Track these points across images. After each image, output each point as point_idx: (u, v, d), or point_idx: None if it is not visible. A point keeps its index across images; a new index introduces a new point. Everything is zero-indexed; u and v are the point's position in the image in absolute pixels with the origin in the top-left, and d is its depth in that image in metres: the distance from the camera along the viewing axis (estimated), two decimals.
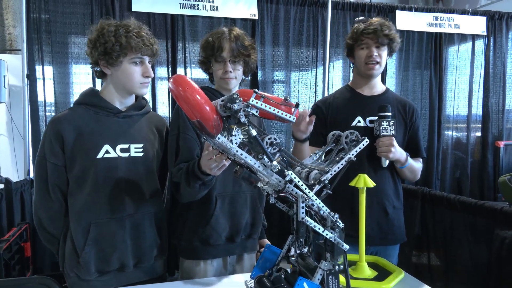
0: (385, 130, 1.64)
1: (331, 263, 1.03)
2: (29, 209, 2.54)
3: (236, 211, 1.60)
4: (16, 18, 4.57)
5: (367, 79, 1.82)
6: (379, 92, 1.84)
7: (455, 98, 3.59)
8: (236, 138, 0.96)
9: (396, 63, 3.44)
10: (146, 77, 1.49)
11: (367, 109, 1.76)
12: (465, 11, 3.52)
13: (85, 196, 1.44)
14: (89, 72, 2.72)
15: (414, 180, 1.91)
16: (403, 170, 1.77)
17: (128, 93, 1.53)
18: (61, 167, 1.45)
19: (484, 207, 1.92)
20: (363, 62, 1.76)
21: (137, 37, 1.42)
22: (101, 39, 1.41)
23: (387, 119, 1.64)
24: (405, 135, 1.82)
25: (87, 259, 1.42)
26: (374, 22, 1.73)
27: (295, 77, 3.21)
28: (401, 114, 1.81)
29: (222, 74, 1.57)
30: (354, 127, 1.74)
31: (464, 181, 3.60)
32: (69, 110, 1.51)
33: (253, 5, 2.98)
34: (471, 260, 2.01)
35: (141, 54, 1.45)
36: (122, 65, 1.45)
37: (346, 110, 1.81)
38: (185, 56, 2.89)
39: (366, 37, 1.73)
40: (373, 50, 1.73)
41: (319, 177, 1.04)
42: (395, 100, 1.84)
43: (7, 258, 1.91)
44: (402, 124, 1.81)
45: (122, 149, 1.48)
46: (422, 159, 1.86)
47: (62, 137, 1.42)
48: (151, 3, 2.77)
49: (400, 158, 1.70)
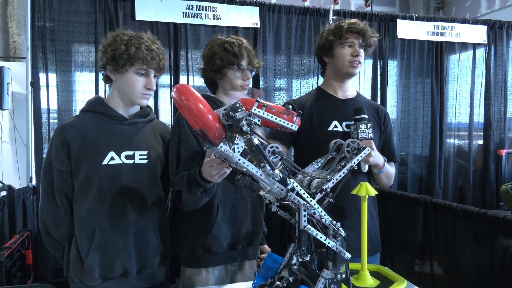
0: (363, 133, 1.57)
1: (333, 272, 1.03)
2: (31, 216, 2.54)
3: (238, 218, 1.60)
4: (21, 26, 4.62)
5: (344, 79, 1.75)
6: (352, 96, 1.78)
7: (456, 106, 3.60)
8: (239, 147, 0.96)
9: (397, 71, 3.46)
10: (147, 89, 1.51)
11: (343, 113, 1.70)
12: (466, 20, 3.54)
13: (90, 202, 1.45)
14: (92, 80, 2.75)
15: (388, 185, 1.83)
16: (380, 175, 1.70)
17: (130, 102, 1.55)
18: (67, 173, 1.47)
19: (486, 215, 1.91)
20: (347, 61, 1.69)
21: (147, 50, 1.46)
22: (113, 45, 1.46)
23: (364, 121, 1.58)
24: (380, 139, 1.77)
25: (91, 265, 1.43)
26: (356, 22, 1.68)
27: (297, 85, 3.23)
28: (375, 118, 1.76)
29: (242, 82, 1.58)
30: (331, 132, 1.68)
31: (466, 189, 3.59)
32: (75, 117, 1.53)
33: (255, 14, 3.01)
34: (473, 269, 2.00)
35: (147, 67, 1.48)
36: (127, 73, 1.48)
37: (321, 113, 1.74)
38: (188, 64, 2.91)
39: (351, 35, 1.67)
40: (358, 49, 1.67)
41: (321, 186, 1.04)
42: (367, 104, 1.78)
43: (8, 265, 1.91)
44: (376, 128, 1.75)
45: (127, 156, 1.50)
46: (395, 163, 1.82)
47: (68, 144, 1.45)
48: (154, 12, 2.81)
49: (378, 163, 1.64)
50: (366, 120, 1.59)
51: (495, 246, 1.85)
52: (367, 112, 1.65)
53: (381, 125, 1.78)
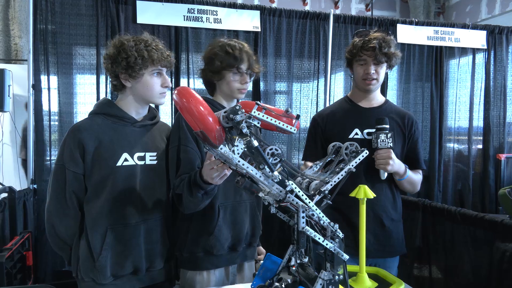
0: (382, 142, 1.64)
1: (331, 273, 1.04)
2: (31, 218, 2.55)
3: (238, 220, 1.61)
4: (22, 29, 4.64)
5: (365, 92, 1.83)
6: (378, 104, 1.84)
7: (456, 110, 3.61)
8: (238, 149, 0.97)
9: (397, 75, 3.47)
10: (165, 87, 1.56)
11: (365, 121, 1.77)
12: (466, 25, 3.56)
13: (103, 202, 1.48)
14: (94, 82, 2.76)
15: (414, 192, 1.90)
16: (402, 182, 1.76)
17: (147, 104, 1.60)
18: (80, 175, 1.48)
19: (484, 219, 1.92)
20: (361, 78, 1.77)
21: (157, 50, 1.50)
22: (123, 54, 1.47)
23: (385, 131, 1.65)
24: (404, 147, 1.82)
25: (104, 263, 1.46)
26: (373, 38, 1.71)
27: (297, 89, 3.24)
28: (399, 126, 1.81)
29: (240, 86, 1.59)
30: (351, 139, 1.73)
31: (465, 193, 3.60)
32: (87, 119, 1.55)
33: (255, 17, 3.03)
34: (471, 273, 2.00)
35: (160, 66, 1.52)
36: (144, 77, 1.51)
37: (343, 121, 1.82)
38: (188, 67, 2.93)
39: (365, 53, 1.72)
40: (370, 68, 1.72)
41: (319, 188, 1.05)
42: (394, 112, 1.84)
43: (9, 266, 1.92)
44: (400, 136, 1.81)
45: (139, 157, 1.54)
46: (422, 171, 1.86)
47: (83, 146, 1.46)
48: (156, 15, 2.82)
49: (398, 171, 1.70)
50: (387, 130, 1.66)
51: (493, 250, 1.86)
52: (391, 120, 1.74)
53: (406, 133, 1.82)
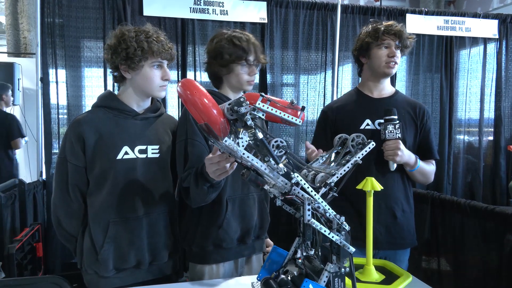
0: (391, 133, 1.63)
1: (337, 266, 1.04)
2: (41, 210, 2.58)
3: (246, 213, 1.61)
4: (31, 23, 4.67)
5: (380, 79, 1.80)
6: (388, 94, 1.83)
7: (466, 101, 3.56)
8: (243, 141, 0.96)
9: (406, 66, 3.42)
10: (165, 80, 1.54)
11: (376, 112, 1.75)
12: (477, 14, 3.49)
13: (105, 195, 1.48)
14: (101, 75, 2.77)
15: (427, 183, 1.88)
16: (413, 173, 1.74)
17: (147, 96, 1.58)
18: (82, 168, 1.49)
19: (494, 211, 1.90)
20: (383, 61, 1.75)
21: (157, 42, 1.48)
22: (123, 44, 1.46)
23: (393, 122, 1.63)
24: (416, 137, 1.80)
25: (106, 256, 1.47)
26: (393, 24, 1.74)
27: (304, 81, 3.22)
28: (411, 116, 1.79)
29: (249, 77, 1.58)
30: (362, 130, 1.73)
31: (476, 185, 3.55)
32: (89, 112, 1.55)
33: (262, 9, 3.00)
34: (481, 265, 1.99)
35: (161, 58, 1.50)
36: (143, 69, 1.49)
37: (354, 112, 1.81)
38: (195, 60, 2.92)
39: (388, 37, 1.73)
40: (394, 50, 1.74)
41: (325, 180, 1.04)
42: (405, 102, 1.82)
43: (19, 258, 1.95)
44: (413, 126, 1.79)
45: (140, 150, 1.53)
46: (436, 161, 1.84)
47: (83, 139, 1.47)
48: (162, 7, 2.82)
49: (408, 161, 1.68)
50: (396, 121, 1.64)
51: (503, 242, 1.84)
52: (402, 110, 1.74)
53: (418, 123, 1.80)
